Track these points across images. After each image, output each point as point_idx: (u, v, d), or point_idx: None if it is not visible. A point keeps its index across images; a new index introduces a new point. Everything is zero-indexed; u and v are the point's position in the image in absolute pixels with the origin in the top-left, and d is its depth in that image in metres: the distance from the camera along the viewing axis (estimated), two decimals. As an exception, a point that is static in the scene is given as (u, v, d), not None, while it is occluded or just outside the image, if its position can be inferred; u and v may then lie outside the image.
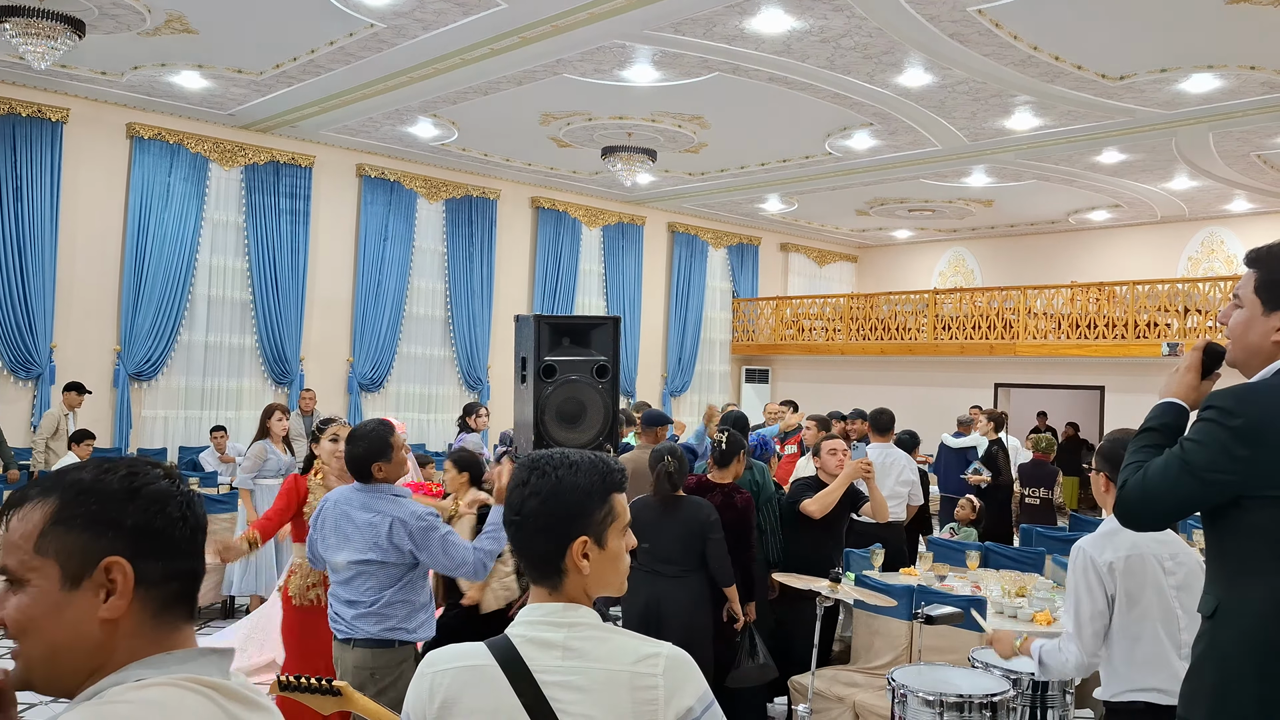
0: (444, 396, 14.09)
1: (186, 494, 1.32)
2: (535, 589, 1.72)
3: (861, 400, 15.02)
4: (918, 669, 3.49)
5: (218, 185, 12.03)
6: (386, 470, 3.62)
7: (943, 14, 7.87)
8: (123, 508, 1.25)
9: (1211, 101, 9.81)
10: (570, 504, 1.70)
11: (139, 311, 11.30)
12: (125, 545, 1.24)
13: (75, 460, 8.66)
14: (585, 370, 5.70)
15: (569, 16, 8.16)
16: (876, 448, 6.62)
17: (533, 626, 1.67)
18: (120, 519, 1.24)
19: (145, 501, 1.26)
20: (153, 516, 1.26)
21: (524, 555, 1.73)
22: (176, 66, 9.94)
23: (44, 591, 1.22)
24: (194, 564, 1.31)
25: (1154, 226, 16.22)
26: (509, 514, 1.73)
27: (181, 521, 1.28)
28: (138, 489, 1.27)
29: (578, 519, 1.70)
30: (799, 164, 13.15)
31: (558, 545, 1.69)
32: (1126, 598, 2.82)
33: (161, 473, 1.32)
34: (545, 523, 1.70)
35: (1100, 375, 13.89)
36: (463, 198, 14.20)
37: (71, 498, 1.25)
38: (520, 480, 1.72)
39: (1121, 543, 2.88)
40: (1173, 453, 2.10)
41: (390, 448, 3.59)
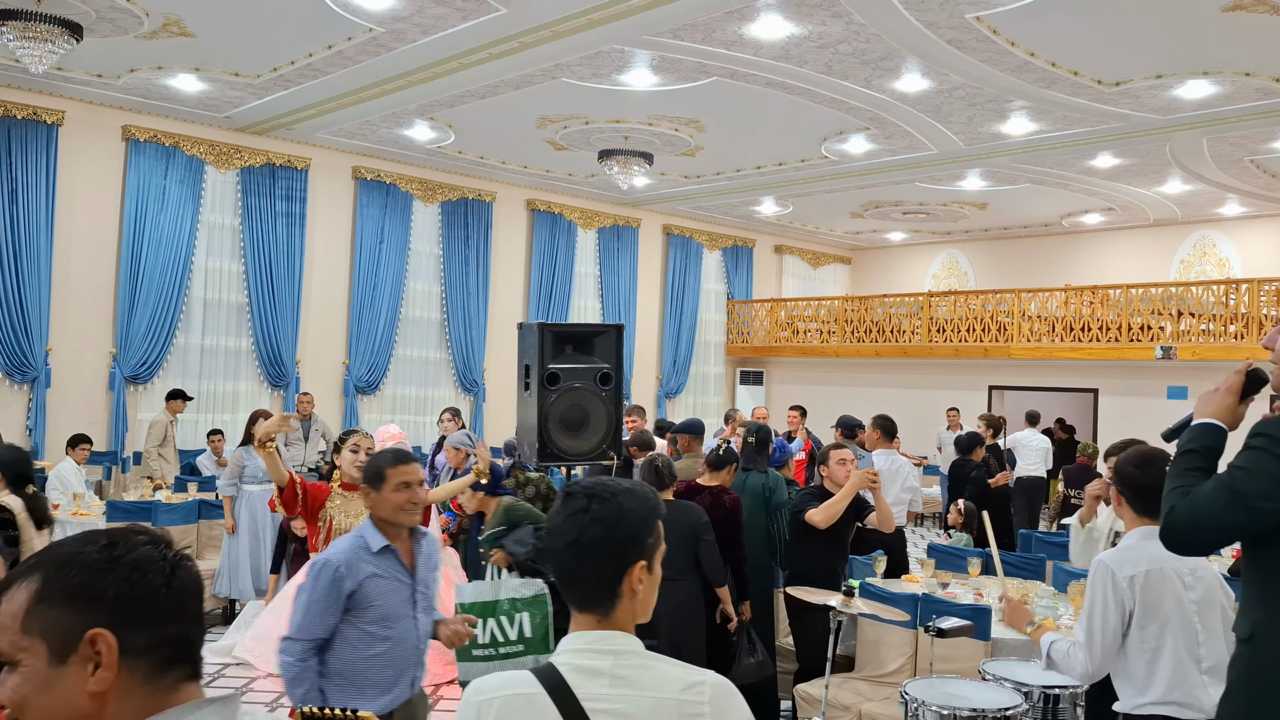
0: (440, 399, 14.07)
1: (172, 558, 1.30)
2: (580, 617, 1.73)
3: (856, 402, 15.09)
4: (929, 681, 3.51)
5: (213, 188, 12.00)
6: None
7: (941, 20, 7.91)
8: (103, 579, 1.25)
9: (1206, 107, 9.87)
10: (630, 529, 1.74)
11: (135, 314, 11.27)
12: (107, 616, 1.23)
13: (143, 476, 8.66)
14: (588, 378, 5.72)
15: (568, 22, 8.17)
16: (881, 454, 6.64)
17: (578, 654, 1.68)
18: (101, 590, 1.24)
19: (125, 570, 1.25)
20: (133, 585, 1.25)
21: (577, 581, 1.73)
22: (173, 69, 9.92)
23: (34, 670, 1.23)
24: (183, 628, 1.29)
25: (1147, 229, 16.30)
26: (560, 541, 1.73)
27: (165, 588, 1.27)
28: (117, 558, 1.26)
29: (635, 544, 1.74)
30: (794, 167, 13.18)
31: (616, 570, 1.72)
32: (1146, 611, 2.84)
33: (145, 539, 1.31)
34: (607, 548, 1.72)
35: (1094, 378, 13.96)
36: (458, 200, 14.20)
37: (53, 573, 1.26)
38: (579, 508, 1.73)
39: (1142, 557, 2.91)
40: (1221, 479, 2.12)
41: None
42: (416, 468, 3.32)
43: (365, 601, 3.13)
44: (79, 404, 11.00)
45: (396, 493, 3.22)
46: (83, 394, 11.07)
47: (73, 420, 10.78)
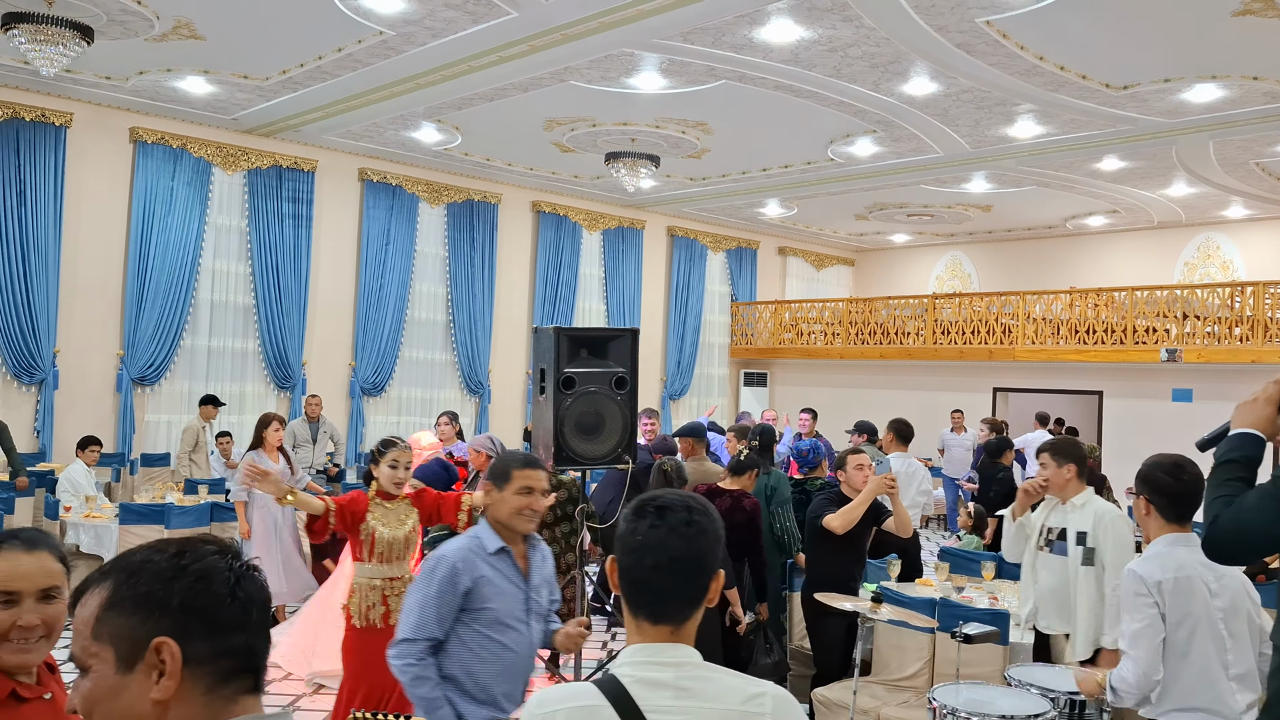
0: (446, 401, 14.08)
1: (238, 569, 1.31)
2: (650, 629, 1.74)
3: (860, 404, 15.11)
4: (955, 688, 3.53)
5: (220, 190, 12.02)
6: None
7: (951, 25, 7.92)
8: (169, 587, 1.25)
9: (1213, 111, 9.89)
10: (718, 539, 1.81)
11: (142, 316, 11.28)
12: (172, 625, 1.24)
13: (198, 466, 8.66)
14: (604, 382, 5.75)
15: (579, 25, 8.18)
16: (898, 458, 6.66)
17: (640, 666, 1.69)
18: (167, 599, 1.25)
19: (191, 579, 1.26)
20: (198, 594, 1.26)
21: (666, 594, 1.74)
22: (182, 72, 9.93)
23: (103, 676, 1.25)
24: (247, 638, 1.29)
25: (1151, 232, 16.33)
26: (656, 555, 1.73)
27: (229, 598, 1.27)
28: (184, 567, 1.27)
29: (717, 555, 1.80)
30: (800, 169, 13.20)
31: (705, 582, 1.77)
32: (1175, 617, 2.87)
33: (213, 548, 1.32)
34: (703, 561, 1.76)
35: (1098, 380, 13.98)
36: (464, 202, 14.21)
37: (123, 580, 1.27)
38: (683, 520, 1.76)
39: (1169, 563, 2.93)
40: (1266, 489, 2.13)
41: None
42: (543, 475, 3.21)
43: (480, 602, 3.03)
44: (86, 406, 11.01)
45: (518, 496, 3.12)
46: (90, 396, 11.08)
47: (80, 422, 10.80)
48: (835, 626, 5.19)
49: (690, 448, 6.70)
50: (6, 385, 10.49)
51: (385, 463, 4.38)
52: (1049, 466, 4.42)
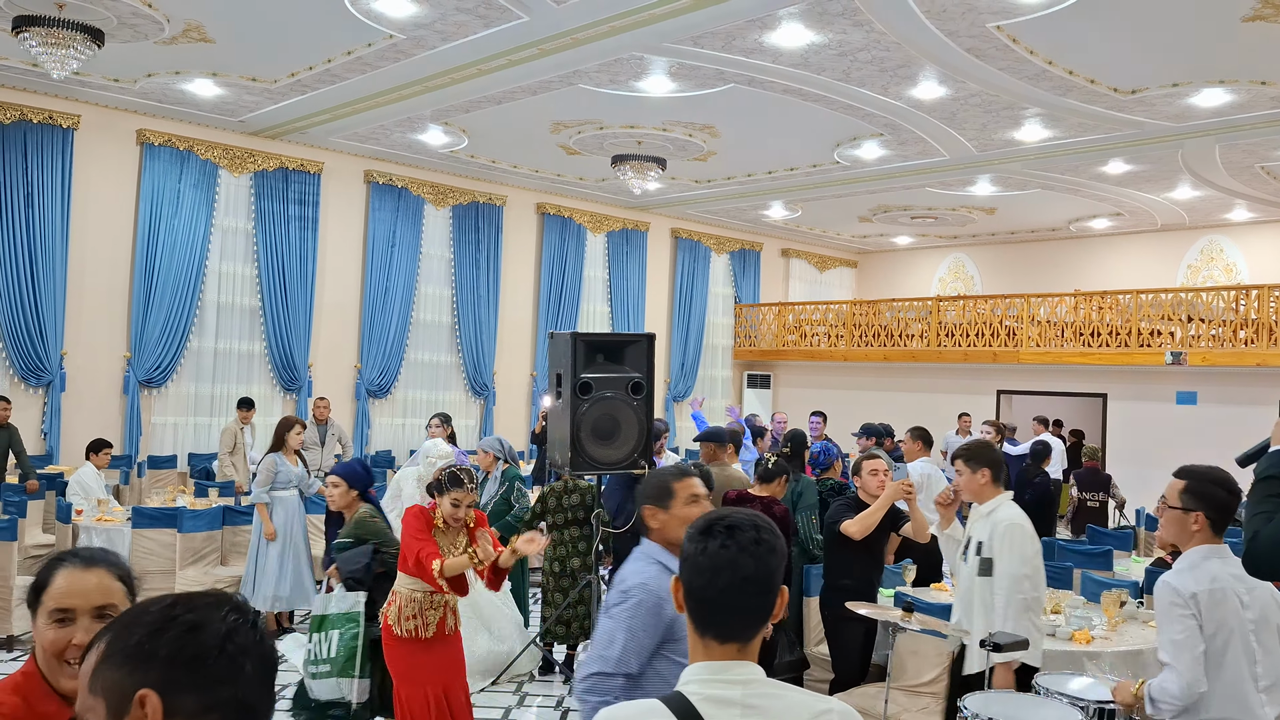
0: (451, 403, 14.10)
1: (233, 621, 1.27)
2: (717, 647, 1.75)
3: (864, 406, 15.13)
4: (985, 696, 3.54)
5: (227, 192, 12.02)
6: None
7: (961, 29, 7.94)
8: (157, 639, 1.23)
9: (1220, 115, 9.92)
10: (783, 556, 1.82)
11: (149, 318, 11.28)
12: (159, 677, 1.21)
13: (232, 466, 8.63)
14: (620, 387, 5.75)
15: (590, 29, 8.19)
16: (919, 463, 6.67)
17: (707, 684, 1.71)
18: (154, 650, 1.22)
19: (179, 630, 1.23)
20: (184, 645, 1.22)
21: (738, 612, 1.76)
22: (190, 74, 9.93)
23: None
24: (238, 692, 1.24)
25: (1154, 234, 16.36)
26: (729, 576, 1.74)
27: (218, 650, 1.23)
28: (175, 618, 1.25)
29: (783, 572, 1.82)
30: (806, 172, 13.22)
31: (774, 600, 1.79)
32: (1209, 628, 2.87)
33: (210, 599, 1.29)
34: (773, 580, 1.79)
35: (1103, 383, 14.01)
36: (469, 204, 14.22)
37: (118, 633, 1.26)
38: (752, 539, 1.77)
39: (1203, 576, 2.93)
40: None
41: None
42: (699, 481, 2.96)
43: (679, 630, 2.68)
44: (93, 408, 11.01)
45: (689, 507, 2.84)
46: (97, 398, 11.08)
47: (87, 424, 10.80)
48: (853, 632, 5.21)
49: (712, 453, 6.69)
50: (14, 387, 10.49)
51: (449, 499, 4.41)
52: (963, 472, 4.36)
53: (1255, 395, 12.56)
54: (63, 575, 1.92)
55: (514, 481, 7.30)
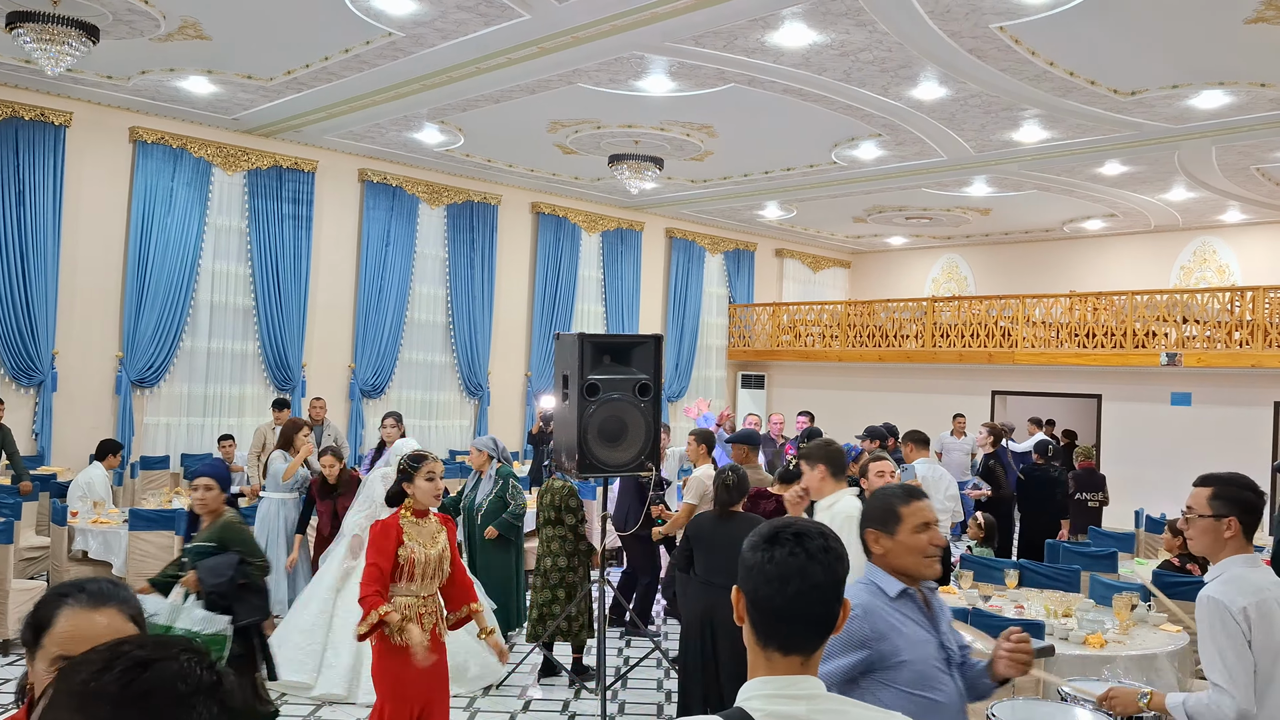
0: (445, 403, 14.04)
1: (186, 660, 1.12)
2: (782, 660, 1.71)
3: (858, 407, 15.13)
4: (1012, 704, 3.50)
5: (220, 190, 11.92)
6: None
7: (964, 30, 7.92)
8: (101, 677, 1.09)
9: (1219, 117, 9.93)
10: (847, 566, 1.79)
11: (141, 318, 11.17)
12: (107, 716, 1.08)
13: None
14: (627, 388, 5.71)
15: (592, 28, 8.14)
16: (923, 464, 6.66)
17: (771, 700, 1.66)
18: (100, 689, 1.08)
19: (126, 666, 1.09)
20: (130, 681, 1.08)
21: (806, 622, 1.72)
22: (185, 72, 9.84)
23: None
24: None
25: (1147, 235, 16.40)
26: (799, 584, 1.71)
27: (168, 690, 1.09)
28: (121, 654, 1.11)
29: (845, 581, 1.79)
30: (802, 172, 13.20)
31: (839, 610, 1.76)
32: (1259, 642, 2.80)
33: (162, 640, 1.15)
34: (840, 590, 1.76)
35: (1097, 384, 14.03)
36: (464, 203, 14.15)
37: (63, 675, 1.13)
38: (820, 547, 1.74)
39: (1247, 588, 2.86)
40: None
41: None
42: (929, 504, 2.73)
43: (894, 657, 2.49)
44: (85, 408, 10.90)
45: (917, 534, 2.60)
46: (89, 398, 10.97)
47: (79, 425, 10.70)
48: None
49: (744, 455, 6.70)
50: (5, 387, 10.37)
51: (421, 477, 4.25)
52: (805, 471, 4.48)
53: (1250, 396, 12.60)
54: (67, 616, 1.66)
55: (508, 480, 7.25)
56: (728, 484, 5.23)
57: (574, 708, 6.16)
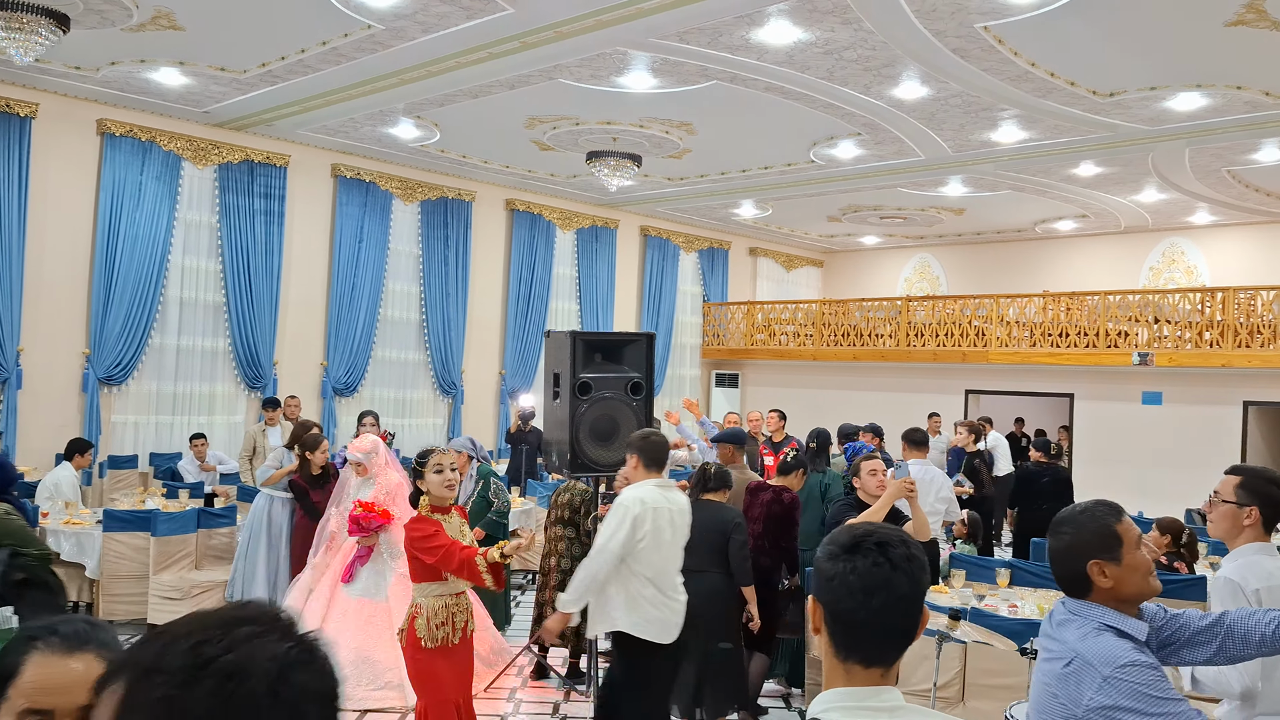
0: (418, 401, 13.89)
1: (287, 654, 1.02)
2: (863, 672, 1.66)
3: (832, 405, 15.14)
4: (1025, 706, 3.48)
5: (190, 184, 11.70)
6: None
7: (949, 29, 7.93)
8: (190, 692, 0.97)
9: (1194, 119, 10.02)
10: (929, 574, 1.77)
11: (109, 314, 10.93)
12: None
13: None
14: (619, 387, 5.65)
15: (575, 23, 8.06)
16: (916, 464, 6.66)
17: (852, 713, 1.61)
18: (187, 708, 0.97)
19: (216, 681, 0.98)
20: (226, 699, 0.97)
21: (888, 638, 1.67)
22: (156, 63, 9.63)
23: None
24: None
25: (1117, 236, 16.57)
26: (884, 596, 1.65)
27: (270, 696, 0.98)
28: (207, 663, 0.99)
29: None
30: (780, 171, 13.18)
31: (920, 620, 1.71)
32: None
33: (252, 627, 1.03)
34: (923, 600, 1.71)
35: (1070, 383, 14.15)
36: (438, 199, 14.00)
37: (137, 682, 1.01)
38: (904, 556, 1.69)
39: (1261, 572, 3.00)
40: None
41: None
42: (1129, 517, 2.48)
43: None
44: (51, 406, 10.65)
45: (1137, 551, 2.36)
46: (55, 396, 10.71)
47: (45, 423, 10.46)
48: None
49: (730, 454, 6.68)
50: (-32, 385, 10.11)
51: (430, 470, 4.22)
52: (627, 458, 4.78)
53: (1219, 395, 12.76)
54: (36, 663, 1.44)
55: (489, 478, 7.17)
56: (706, 474, 5.60)
57: (564, 710, 6.08)
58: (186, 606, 6.94)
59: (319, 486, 7.33)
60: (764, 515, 5.94)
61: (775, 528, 5.94)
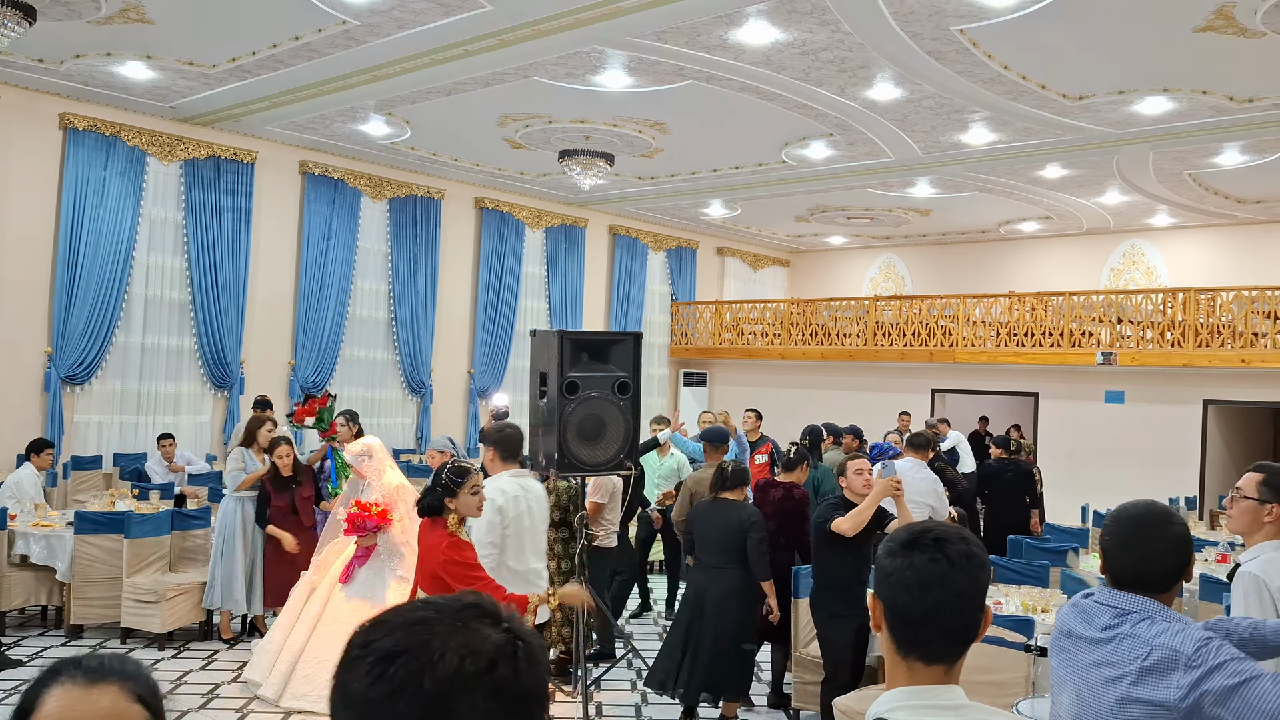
0: (387, 400, 13.77)
1: (513, 654, 1.01)
2: (924, 670, 1.66)
3: (799, 404, 15.23)
4: (1032, 702, 3.53)
5: (156, 180, 11.50)
6: None
7: (926, 31, 8.00)
8: (376, 684, 0.97)
9: (1160, 123, 10.20)
10: (990, 570, 1.75)
11: (72, 312, 10.71)
12: None
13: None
14: (605, 386, 5.64)
15: (553, 21, 8.03)
16: (908, 463, 6.74)
17: (918, 711, 1.61)
18: (372, 698, 0.97)
19: (404, 674, 0.98)
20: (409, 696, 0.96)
21: (947, 635, 1.67)
22: (122, 57, 9.46)
23: None
24: None
25: (1079, 238, 16.83)
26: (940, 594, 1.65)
27: (455, 694, 0.97)
28: (393, 656, 0.99)
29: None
30: (751, 171, 13.23)
31: (981, 617, 1.70)
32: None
33: (458, 643, 1.01)
34: (984, 597, 1.70)
35: (1035, 382, 14.34)
36: (407, 197, 13.89)
37: (342, 665, 1.02)
38: (962, 553, 1.67)
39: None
40: None
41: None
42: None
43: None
44: (12, 405, 10.42)
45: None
46: (16, 395, 10.48)
47: (5, 423, 10.24)
48: (845, 632, 5.19)
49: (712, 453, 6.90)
50: (-74, 384, 9.87)
51: (466, 491, 4.14)
52: (481, 450, 5.17)
53: (1180, 395, 13.01)
54: (57, 696, 1.37)
55: None
56: (725, 474, 5.74)
57: (551, 710, 6.06)
58: (160, 610, 6.83)
59: (286, 489, 7.20)
60: (776, 512, 6.15)
61: (789, 523, 6.15)
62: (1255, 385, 12.47)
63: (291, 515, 7.17)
